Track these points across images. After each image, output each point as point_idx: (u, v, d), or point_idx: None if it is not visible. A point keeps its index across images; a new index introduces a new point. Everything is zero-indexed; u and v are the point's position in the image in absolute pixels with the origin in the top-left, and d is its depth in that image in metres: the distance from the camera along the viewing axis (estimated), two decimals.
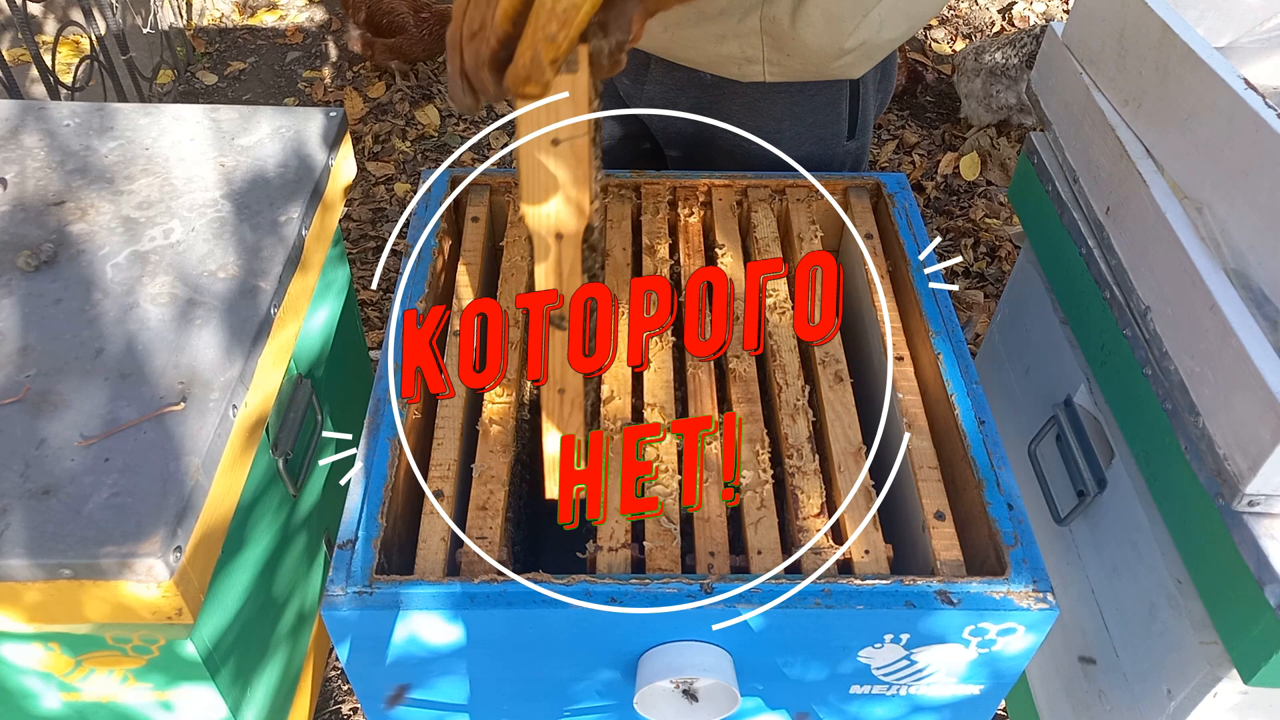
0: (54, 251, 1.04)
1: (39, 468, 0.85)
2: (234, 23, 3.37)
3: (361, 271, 2.39)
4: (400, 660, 0.83)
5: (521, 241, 1.12)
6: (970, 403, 0.94)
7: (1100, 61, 1.15)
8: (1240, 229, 0.94)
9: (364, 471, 0.87)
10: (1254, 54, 1.19)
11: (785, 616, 0.79)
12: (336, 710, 1.60)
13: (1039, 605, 0.79)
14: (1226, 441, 0.87)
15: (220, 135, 1.21)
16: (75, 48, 2.82)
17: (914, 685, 0.87)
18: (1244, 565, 0.84)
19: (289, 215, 1.11)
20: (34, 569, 0.79)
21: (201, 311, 0.99)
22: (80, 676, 0.95)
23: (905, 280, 1.08)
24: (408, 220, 1.10)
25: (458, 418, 0.93)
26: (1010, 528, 0.84)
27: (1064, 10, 3.41)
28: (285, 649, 1.17)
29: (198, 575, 0.86)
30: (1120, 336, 1.06)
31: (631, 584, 0.79)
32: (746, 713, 0.92)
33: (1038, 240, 1.30)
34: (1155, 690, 1.00)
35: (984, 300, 2.34)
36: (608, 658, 0.84)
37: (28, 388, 0.91)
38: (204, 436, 0.88)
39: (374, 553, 0.81)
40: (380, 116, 2.93)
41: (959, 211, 2.60)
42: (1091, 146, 1.15)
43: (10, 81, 2.21)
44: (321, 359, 1.26)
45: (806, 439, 0.93)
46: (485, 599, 0.78)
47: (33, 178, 1.14)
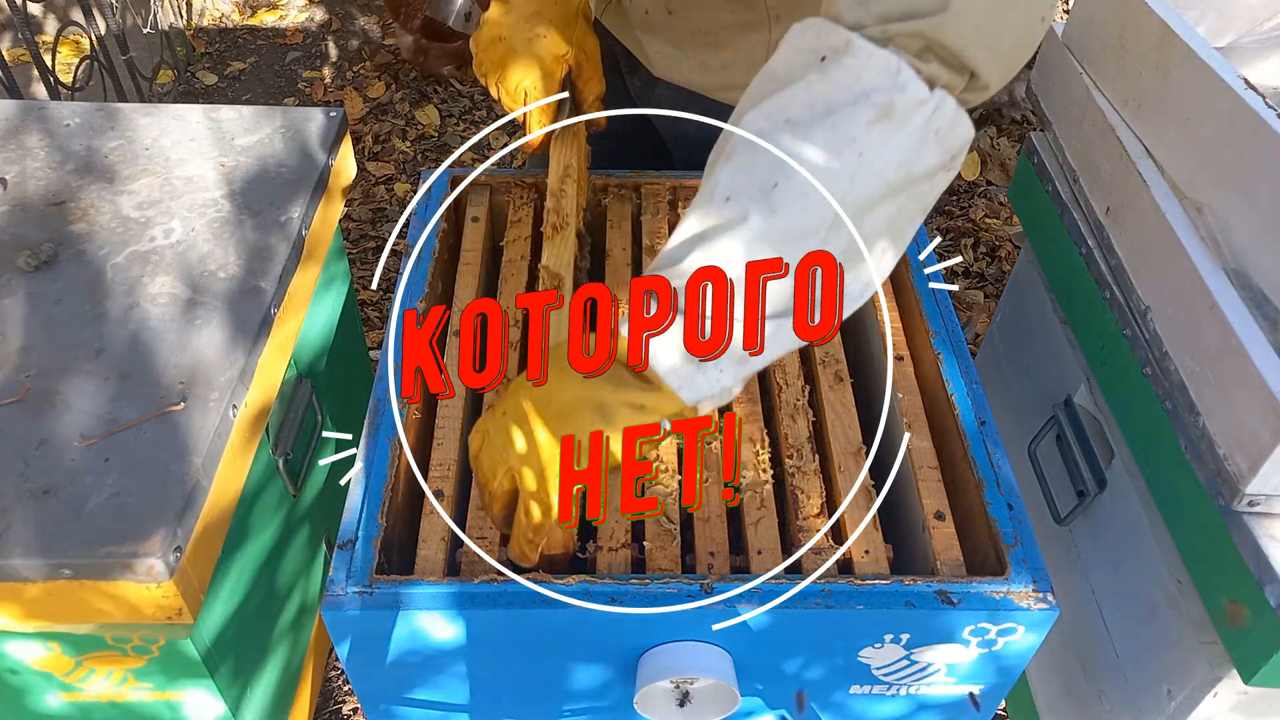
0: (54, 251, 1.04)
1: (39, 468, 0.85)
2: (234, 23, 3.37)
3: (361, 271, 2.39)
4: (400, 660, 0.83)
5: (522, 241, 1.12)
6: (970, 403, 0.94)
7: (1100, 61, 1.15)
8: (1240, 229, 0.94)
9: (364, 471, 0.87)
10: (1254, 54, 1.19)
11: (785, 616, 0.79)
12: (336, 710, 1.60)
13: (1039, 605, 0.79)
14: (1226, 441, 0.87)
15: (220, 135, 1.21)
16: (75, 48, 2.82)
17: (914, 685, 0.87)
18: (1244, 565, 0.84)
19: (289, 215, 1.11)
20: (34, 569, 0.79)
21: (202, 311, 0.99)
22: (80, 676, 0.95)
23: (905, 280, 1.08)
24: (408, 220, 1.10)
25: (458, 418, 0.93)
26: (1010, 528, 0.84)
27: (1064, 10, 3.41)
28: (285, 649, 1.17)
29: (198, 575, 0.86)
30: (1120, 336, 1.06)
31: (631, 584, 0.79)
32: (746, 713, 0.91)
33: (1038, 240, 1.30)
34: (1155, 690, 1.00)
35: (984, 300, 2.34)
36: (607, 658, 0.84)
37: (28, 388, 0.91)
38: (204, 436, 0.88)
39: (374, 553, 0.81)
40: (380, 116, 2.93)
41: (959, 211, 2.60)
42: (1091, 146, 1.15)
43: (10, 81, 2.21)
44: (321, 359, 1.26)
45: (806, 439, 0.93)
46: (485, 599, 0.78)
47: (33, 178, 1.14)
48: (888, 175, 0.60)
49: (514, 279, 1.07)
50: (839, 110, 0.60)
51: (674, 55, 1.15)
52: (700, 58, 1.13)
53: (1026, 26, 0.63)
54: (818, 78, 0.60)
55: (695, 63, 1.14)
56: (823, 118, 0.60)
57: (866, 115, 0.59)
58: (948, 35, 0.59)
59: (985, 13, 0.59)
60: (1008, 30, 0.61)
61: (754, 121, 0.62)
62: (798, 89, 0.61)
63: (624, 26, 1.18)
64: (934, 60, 0.60)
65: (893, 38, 0.60)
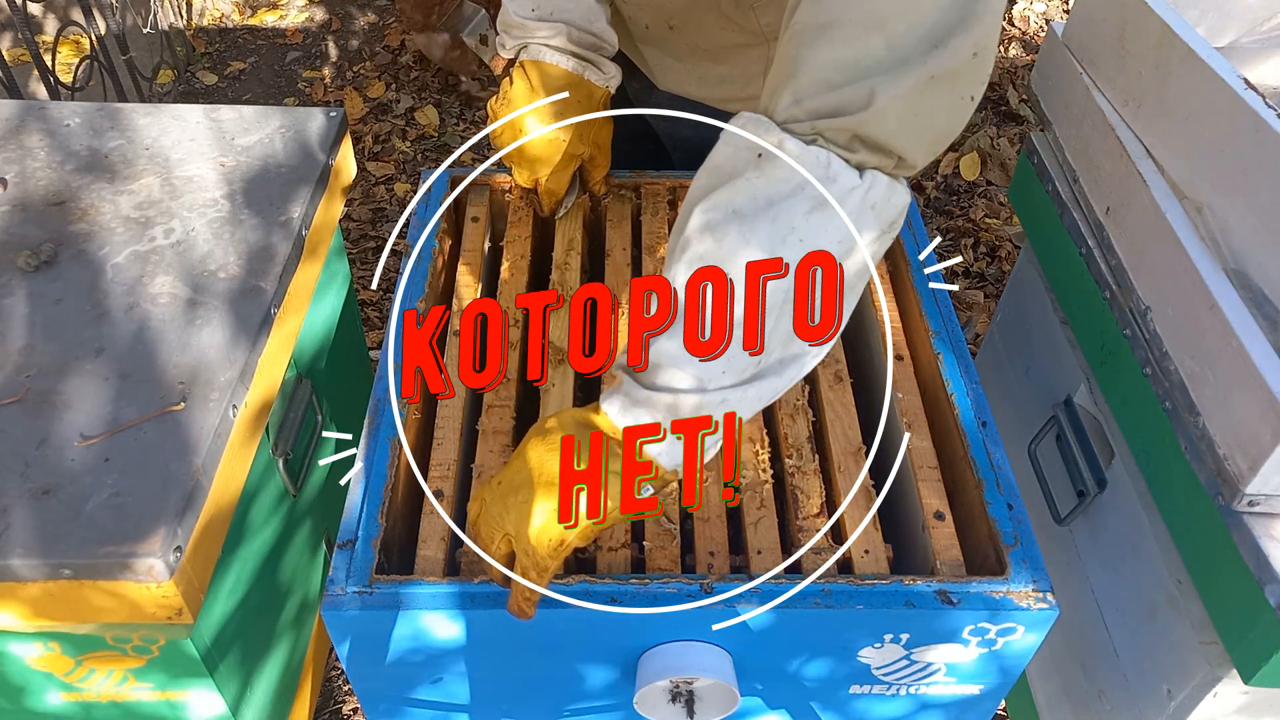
0: (54, 251, 1.04)
1: (39, 468, 0.85)
2: (234, 23, 3.37)
3: (361, 271, 2.39)
4: (400, 660, 0.83)
5: (522, 241, 1.12)
6: (970, 403, 0.94)
7: (1100, 61, 1.15)
8: (1240, 229, 0.94)
9: (364, 471, 0.87)
10: (1254, 54, 1.19)
11: (785, 616, 0.79)
12: (336, 710, 1.60)
13: (1039, 605, 0.79)
14: (1226, 441, 0.87)
15: (220, 135, 1.21)
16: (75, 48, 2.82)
17: (914, 685, 0.87)
18: (1244, 565, 0.84)
19: (289, 215, 1.11)
20: (34, 569, 0.79)
21: (202, 311, 0.99)
22: (80, 676, 0.95)
23: (905, 280, 1.08)
24: (408, 220, 1.10)
25: (458, 418, 0.93)
26: (1010, 527, 0.84)
27: (1064, 10, 3.41)
28: (285, 649, 1.17)
29: (198, 575, 0.86)
30: (1120, 336, 1.06)
31: (631, 584, 0.79)
32: (746, 713, 0.92)
33: (1038, 240, 1.30)
34: (1155, 690, 1.00)
35: (984, 300, 2.34)
36: (607, 658, 0.84)
37: (28, 388, 0.91)
38: (204, 436, 0.88)
39: (374, 552, 0.81)
40: (380, 116, 2.93)
41: (959, 211, 2.60)
42: (1091, 146, 1.15)
43: (10, 81, 2.21)
44: (321, 359, 1.26)
45: (806, 439, 0.93)
46: (485, 599, 0.78)
47: (33, 178, 1.14)
48: (831, 251, 0.66)
49: (514, 279, 1.08)
50: (779, 203, 0.65)
51: (674, 67, 1.17)
52: (700, 71, 1.15)
53: (950, 111, 0.67)
54: (756, 174, 0.66)
55: (695, 75, 1.16)
56: (764, 209, 0.65)
57: (804, 206, 0.65)
58: (872, 130, 0.64)
59: (908, 106, 0.64)
60: (931, 118, 0.66)
61: (705, 213, 0.67)
62: (740, 184, 0.66)
63: (625, 37, 1.19)
64: (862, 149, 0.65)
65: (822, 132, 0.65)
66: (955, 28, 0.64)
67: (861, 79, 0.64)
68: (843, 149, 0.65)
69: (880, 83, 0.63)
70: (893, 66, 0.63)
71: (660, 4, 1.07)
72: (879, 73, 0.64)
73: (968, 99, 0.67)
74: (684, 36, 1.11)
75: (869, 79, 0.64)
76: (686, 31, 1.10)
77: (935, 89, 0.65)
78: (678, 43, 1.13)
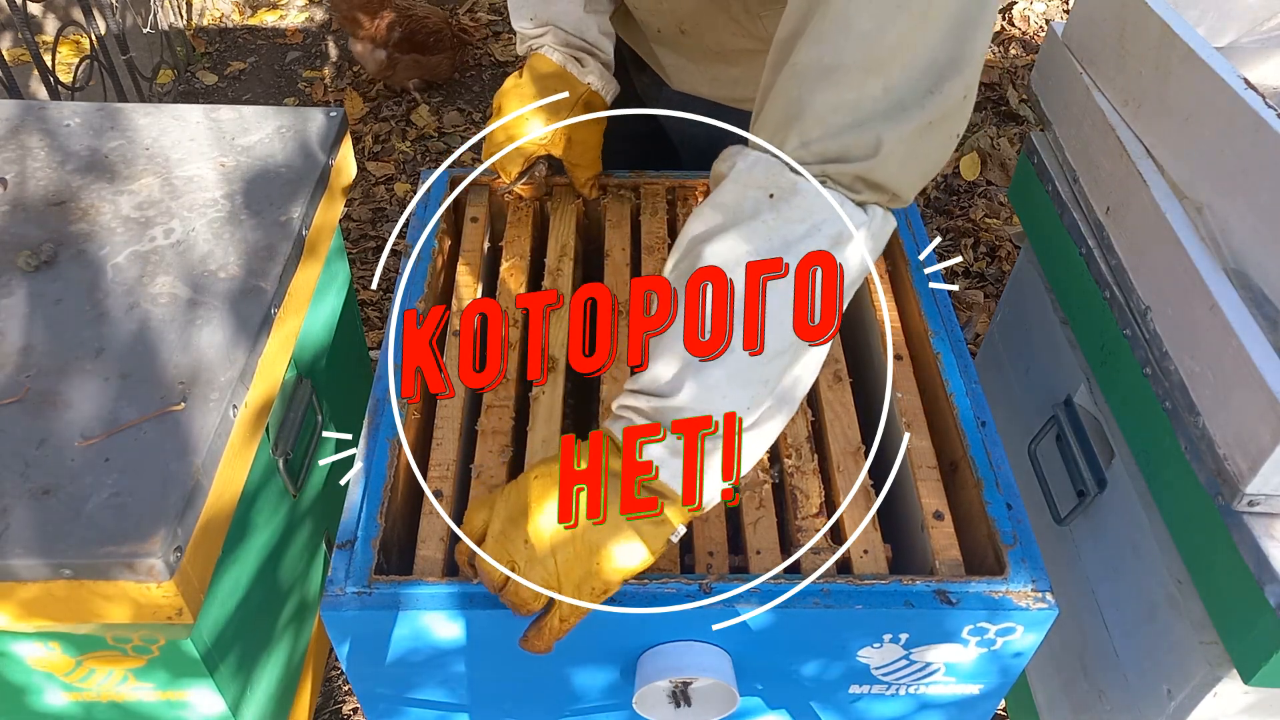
0: (54, 251, 1.04)
1: (39, 468, 0.85)
2: (234, 23, 3.37)
3: (361, 271, 2.39)
4: (400, 660, 0.83)
5: (521, 241, 1.12)
6: (970, 403, 0.94)
7: (1100, 61, 1.15)
8: (1240, 229, 0.94)
9: (364, 471, 0.87)
10: (1254, 54, 1.19)
11: (784, 616, 0.79)
12: (336, 710, 1.60)
13: (1038, 605, 0.79)
14: (1226, 441, 0.87)
15: (220, 135, 1.22)
16: (75, 48, 2.82)
17: (913, 685, 0.87)
18: (1244, 565, 0.84)
19: (289, 215, 1.11)
20: (34, 569, 0.79)
21: (202, 311, 0.99)
22: (81, 676, 0.95)
23: (905, 280, 1.08)
24: (408, 220, 1.10)
25: (457, 418, 0.93)
26: (1009, 527, 0.84)
27: (1064, 10, 3.41)
28: (285, 649, 1.17)
29: (198, 575, 0.86)
30: (1120, 336, 1.06)
31: (630, 584, 0.79)
32: (746, 713, 0.92)
33: (1038, 240, 1.30)
34: (1155, 690, 1.00)
35: (984, 300, 2.34)
36: (607, 658, 0.84)
37: (28, 388, 0.91)
38: (204, 436, 0.88)
39: (374, 553, 0.81)
40: (380, 116, 2.93)
41: (959, 211, 2.60)
42: (1091, 146, 1.15)
43: (10, 81, 2.21)
44: (321, 359, 1.26)
45: (806, 438, 0.93)
46: (485, 599, 0.78)
47: (33, 178, 1.14)
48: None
49: (514, 279, 1.08)
50: (796, 243, 0.68)
51: (686, 68, 1.19)
52: (713, 72, 1.17)
53: (941, 150, 0.71)
54: (773, 216, 0.69)
55: (708, 76, 1.18)
56: (781, 250, 0.68)
57: (821, 245, 0.69)
58: (877, 175, 0.69)
59: (909, 150, 0.69)
60: (926, 159, 0.71)
61: (718, 254, 0.69)
62: (757, 225, 0.69)
63: (637, 37, 1.20)
64: (865, 189, 0.70)
65: (830, 175, 0.69)
66: (947, 70, 0.67)
67: (865, 124, 0.67)
68: (846, 189, 0.70)
69: (885, 129, 0.67)
70: (893, 112, 0.67)
71: (671, 9, 1.08)
72: (881, 118, 0.67)
73: (954, 136, 0.72)
74: (695, 40, 1.12)
75: (872, 125, 0.67)
76: (698, 36, 1.11)
77: (931, 132, 0.69)
78: (690, 45, 1.14)
